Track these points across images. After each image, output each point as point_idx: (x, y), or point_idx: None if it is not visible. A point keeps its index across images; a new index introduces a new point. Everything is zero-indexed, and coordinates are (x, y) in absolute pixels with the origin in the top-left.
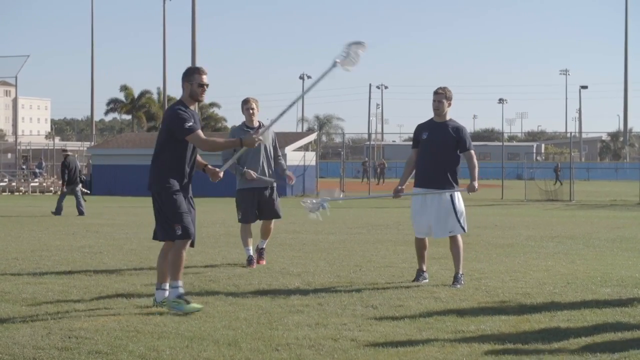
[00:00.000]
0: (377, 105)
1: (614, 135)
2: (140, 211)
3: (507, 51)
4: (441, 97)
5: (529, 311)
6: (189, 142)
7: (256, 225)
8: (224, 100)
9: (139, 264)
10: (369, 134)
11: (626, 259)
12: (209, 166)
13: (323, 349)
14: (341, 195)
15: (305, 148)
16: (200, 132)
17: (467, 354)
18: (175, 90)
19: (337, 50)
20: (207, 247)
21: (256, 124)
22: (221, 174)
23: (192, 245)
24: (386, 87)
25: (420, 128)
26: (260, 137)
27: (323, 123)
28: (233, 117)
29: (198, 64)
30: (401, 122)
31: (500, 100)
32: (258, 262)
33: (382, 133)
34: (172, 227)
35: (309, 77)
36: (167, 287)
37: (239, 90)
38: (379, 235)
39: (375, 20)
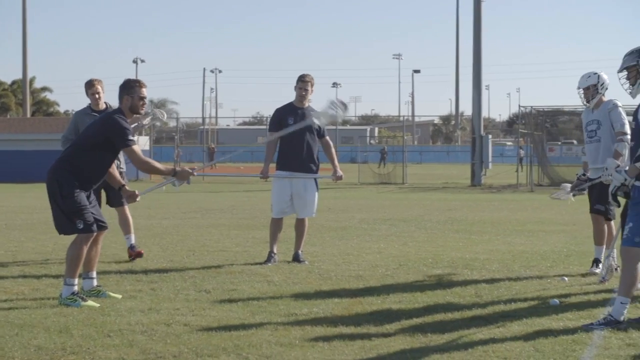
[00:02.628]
0: (212, 89)
1: (446, 119)
2: None
3: (340, 35)
4: (307, 84)
5: (362, 293)
6: (118, 152)
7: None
8: (57, 85)
9: None
10: (203, 118)
11: (457, 241)
12: (126, 187)
13: (156, 334)
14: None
15: (138, 132)
16: (138, 147)
17: (300, 337)
18: None
19: (175, 35)
20: (38, 233)
21: (102, 107)
22: (138, 198)
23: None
24: (220, 71)
25: (282, 112)
26: (195, 173)
27: (157, 107)
28: (66, 102)
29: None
30: (235, 107)
31: (334, 84)
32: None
33: (217, 117)
34: (72, 221)
35: (142, 60)
36: (94, 275)
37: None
38: (212, 220)
39: (208, 4)
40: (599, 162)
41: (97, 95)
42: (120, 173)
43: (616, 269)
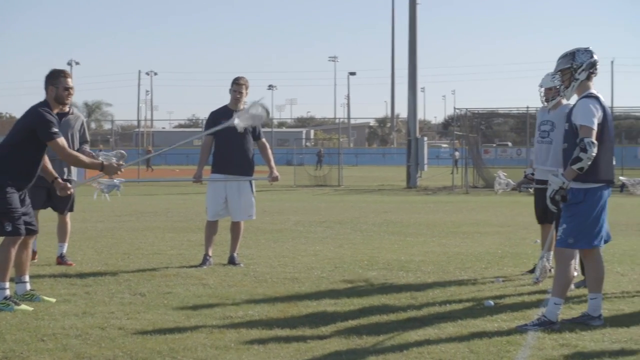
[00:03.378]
0: (147, 91)
1: (382, 121)
2: None
3: (276, 37)
4: (242, 87)
5: (297, 296)
6: (47, 145)
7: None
8: None
9: None
10: (139, 121)
11: (392, 243)
12: (59, 180)
13: (90, 338)
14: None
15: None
16: (63, 139)
17: (235, 340)
18: None
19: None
20: None
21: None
22: (70, 191)
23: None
24: (156, 74)
25: (217, 115)
26: (121, 170)
27: (92, 110)
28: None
29: None
30: (171, 109)
31: (270, 87)
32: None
33: (152, 120)
34: (1, 223)
35: (77, 63)
36: (27, 279)
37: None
38: (147, 223)
39: (142, 5)
40: (547, 163)
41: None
42: (69, 180)
43: (550, 270)
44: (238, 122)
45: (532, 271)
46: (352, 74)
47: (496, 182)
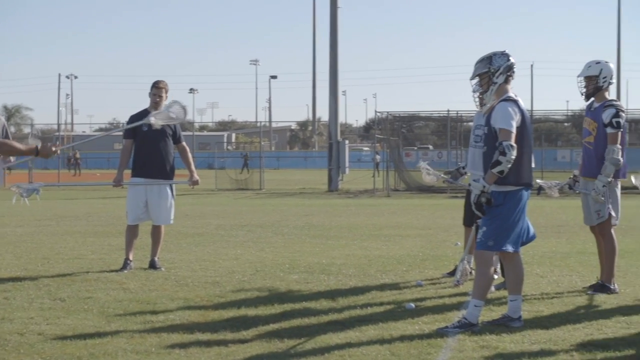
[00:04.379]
0: (67, 95)
1: (303, 125)
2: None
3: (197, 40)
4: (161, 91)
5: (218, 300)
6: None
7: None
8: None
9: None
10: (59, 125)
11: (314, 246)
12: None
13: (9, 344)
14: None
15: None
16: None
17: (156, 344)
18: None
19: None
20: None
21: None
22: None
23: None
24: (76, 77)
25: (137, 118)
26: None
27: (11, 113)
28: None
29: None
30: (92, 112)
31: (191, 90)
32: None
33: (72, 123)
34: None
35: None
36: None
37: None
38: (68, 227)
39: (62, 8)
40: (481, 168)
41: None
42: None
43: (471, 273)
44: (155, 120)
45: (452, 273)
46: (274, 77)
47: (424, 173)
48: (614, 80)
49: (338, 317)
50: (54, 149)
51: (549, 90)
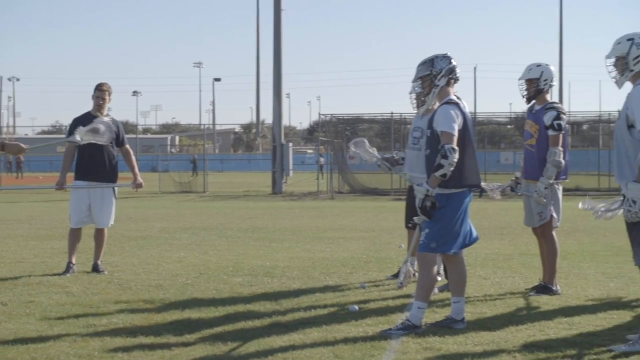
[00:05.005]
0: (9, 97)
1: (247, 127)
2: None
3: (140, 43)
4: (104, 93)
5: (162, 303)
6: None
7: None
8: None
9: None
10: (1, 127)
11: (257, 249)
12: None
13: None
14: None
15: None
16: None
17: (99, 348)
18: None
19: None
20: None
21: None
22: None
23: None
24: (18, 79)
25: (80, 122)
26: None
27: None
28: None
29: None
30: (34, 115)
31: (135, 93)
32: None
33: (15, 126)
34: None
35: None
36: None
37: None
38: (10, 230)
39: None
40: (417, 170)
41: None
42: None
43: (414, 275)
44: (79, 138)
45: (396, 276)
46: (217, 80)
47: (373, 160)
48: (555, 83)
49: (281, 320)
50: (24, 146)
51: (492, 92)
